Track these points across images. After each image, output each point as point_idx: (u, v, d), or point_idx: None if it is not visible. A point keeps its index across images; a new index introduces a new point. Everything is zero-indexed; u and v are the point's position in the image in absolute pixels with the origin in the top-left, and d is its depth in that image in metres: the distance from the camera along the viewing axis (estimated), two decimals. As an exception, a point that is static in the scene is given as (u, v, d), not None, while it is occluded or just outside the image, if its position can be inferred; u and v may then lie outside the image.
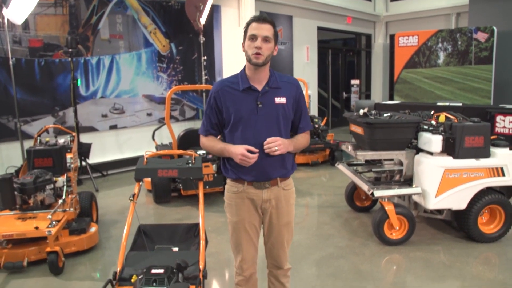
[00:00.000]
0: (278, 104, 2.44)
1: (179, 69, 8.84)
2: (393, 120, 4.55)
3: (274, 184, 2.51)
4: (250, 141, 2.40)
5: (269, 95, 2.43)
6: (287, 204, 2.59)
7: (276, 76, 2.50)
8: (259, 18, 2.38)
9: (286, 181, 2.57)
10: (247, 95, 2.43)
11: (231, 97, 2.44)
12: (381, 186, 4.48)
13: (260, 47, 2.34)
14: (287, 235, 2.66)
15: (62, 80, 7.12)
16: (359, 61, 15.35)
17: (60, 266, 3.89)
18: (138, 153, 8.03)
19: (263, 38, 2.35)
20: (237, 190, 2.54)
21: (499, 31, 10.21)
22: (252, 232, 2.60)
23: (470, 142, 4.23)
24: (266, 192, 2.51)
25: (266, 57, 2.37)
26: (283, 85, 2.48)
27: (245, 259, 2.65)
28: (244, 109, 2.41)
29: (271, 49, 2.40)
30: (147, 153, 3.46)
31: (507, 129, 7.24)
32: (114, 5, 7.73)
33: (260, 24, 2.36)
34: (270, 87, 2.44)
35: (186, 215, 5.49)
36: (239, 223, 2.58)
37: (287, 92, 2.48)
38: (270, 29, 2.38)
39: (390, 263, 4.10)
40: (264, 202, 2.52)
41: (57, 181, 4.55)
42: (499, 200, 4.32)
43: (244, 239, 2.60)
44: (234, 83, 2.47)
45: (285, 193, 2.57)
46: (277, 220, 2.59)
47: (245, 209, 2.54)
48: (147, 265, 2.82)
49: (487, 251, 4.26)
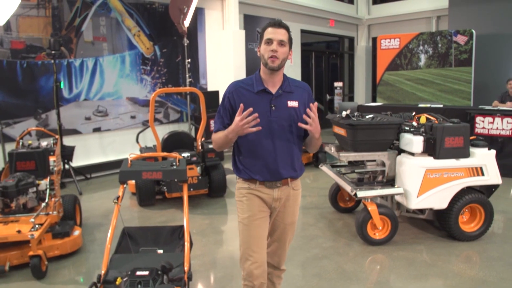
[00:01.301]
0: (291, 107, 2.49)
1: (163, 72, 8.82)
2: (375, 121, 4.62)
3: (285, 183, 2.57)
4: (263, 143, 2.48)
5: (282, 99, 2.49)
6: (294, 204, 2.66)
7: (289, 81, 2.56)
8: (274, 23, 2.46)
9: (295, 181, 2.63)
10: (261, 97, 2.48)
11: (245, 98, 2.47)
12: (364, 187, 4.54)
13: (276, 50, 2.40)
14: (290, 235, 2.72)
15: (44, 82, 7.05)
16: (342, 63, 15.49)
17: (43, 270, 3.85)
18: (122, 156, 7.99)
19: (278, 42, 2.42)
20: (248, 187, 2.57)
21: (477, 34, 10.42)
22: (262, 230, 2.58)
23: (450, 143, 4.31)
24: (277, 191, 2.55)
25: (281, 61, 2.43)
26: (295, 90, 2.55)
27: (257, 262, 2.53)
28: (258, 110, 2.40)
29: (286, 53, 2.46)
30: (131, 156, 3.46)
31: (486, 130, 7.38)
32: (97, 7, 7.69)
33: (276, 29, 2.44)
34: (283, 91, 2.50)
35: (170, 218, 5.48)
36: (250, 218, 2.55)
37: (299, 97, 2.53)
38: (285, 33, 2.46)
39: (374, 263, 4.15)
40: (274, 201, 2.57)
41: (40, 184, 4.50)
42: (479, 199, 4.41)
43: (255, 238, 2.55)
44: (249, 85, 2.52)
45: (294, 193, 2.63)
46: (283, 219, 2.65)
47: (256, 205, 2.56)
48: (131, 268, 2.82)
49: (468, 249, 4.35)
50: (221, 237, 4.96)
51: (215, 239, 4.83)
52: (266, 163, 2.50)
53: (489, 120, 7.35)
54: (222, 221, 5.48)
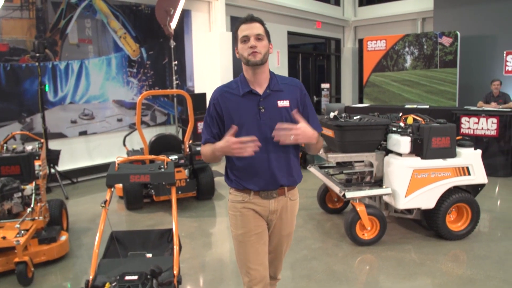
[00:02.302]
0: (281, 107, 2.29)
1: (149, 74, 8.77)
2: (363, 122, 4.64)
3: (282, 193, 2.36)
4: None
5: (271, 99, 2.29)
6: (292, 215, 2.47)
7: (278, 78, 2.35)
8: (246, 19, 2.27)
9: (293, 190, 2.43)
10: (248, 100, 2.28)
11: (232, 103, 2.29)
12: (352, 188, 4.56)
13: (255, 46, 2.21)
14: (286, 245, 2.55)
15: (29, 85, 6.96)
16: (329, 65, 15.56)
17: (30, 277, 3.79)
18: (109, 160, 7.91)
19: (255, 37, 2.22)
20: (242, 199, 2.36)
21: (462, 35, 10.56)
22: (260, 246, 2.38)
23: (437, 143, 4.35)
24: (273, 203, 2.35)
25: (263, 55, 2.23)
26: (285, 88, 2.33)
27: (255, 279, 2.37)
28: (246, 114, 2.26)
29: (266, 46, 2.26)
30: (118, 159, 3.42)
31: (471, 130, 7.48)
32: (82, 9, 7.61)
33: (249, 24, 2.25)
34: (271, 90, 2.30)
35: (159, 221, 5.44)
36: (245, 235, 2.36)
37: (290, 95, 2.32)
38: (260, 27, 2.26)
39: (363, 263, 4.17)
40: (270, 213, 2.37)
41: (25, 189, 4.42)
42: (465, 198, 4.45)
43: (252, 255, 2.36)
44: (234, 88, 2.32)
45: (291, 203, 2.43)
46: (279, 231, 2.45)
47: (252, 220, 2.35)
48: (120, 272, 2.78)
49: (455, 248, 4.39)
50: (210, 239, 4.93)
51: (204, 242, 4.81)
52: (260, 171, 2.29)
53: (474, 120, 7.44)
54: (211, 224, 5.46)
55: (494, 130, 7.23)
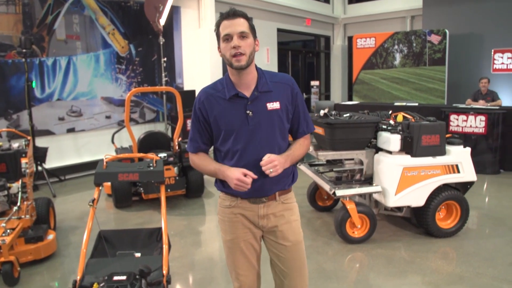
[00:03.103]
0: (271, 110, 2.10)
1: (138, 71, 8.69)
2: (353, 120, 4.63)
3: (272, 198, 2.20)
4: (243, 157, 2.10)
5: (260, 101, 2.09)
6: (289, 221, 2.24)
7: (266, 77, 2.13)
8: (228, 14, 2.02)
9: (285, 194, 2.26)
10: (235, 104, 2.08)
11: (218, 107, 2.10)
12: (342, 186, 4.55)
13: (238, 46, 1.98)
14: (298, 262, 2.28)
15: (15, 81, 6.85)
16: (319, 62, 15.57)
17: (16, 277, 3.72)
18: (97, 157, 7.83)
19: (239, 35, 1.99)
20: (229, 204, 2.22)
21: (451, 34, 10.63)
22: (250, 253, 2.25)
23: (427, 141, 4.36)
24: (263, 208, 2.19)
25: (248, 56, 2.01)
26: (275, 87, 2.12)
27: (245, 285, 2.28)
28: (234, 120, 2.08)
29: (251, 45, 2.03)
30: (106, 157, 3.37)
31: (460, 128, 7.52)
32: (70, 5, 7.51)
33: (232, 20, 2.00)
34: (260, 92, 2.09)
35: (148, 219, 5.39)
36: (233, 241, 2.24)
37: (280, 95, 2.12)
38: (244, 22, 2.01)
39: (353, 261, 4.16)
40: (260, 218, 2.20)
41: (11, 187, 4.35)
42: (455, 196, 4.47)
43: (241, 262, 2.25)
44: (219, 90, 2.11)
45: (285, 207, 2.24)
46: (282, 240, 2.23)
47: (240, 226, 2.22)
48: (108, 272, 2.74)
49: (445, 246, 4.40)
50: (200, 238, 4.90)
51: (194, 240, 4.78)
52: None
53: (463, 118, 7.49)
54: (200, 222, 5.42)
55: (483, 127, 7.28)
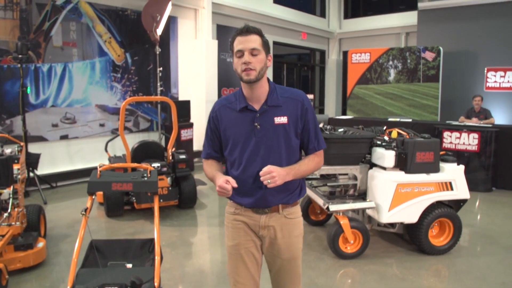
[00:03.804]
0: (278, 124, 2.16)
1: (134, 80, 8.68)
2: (348, 135, 4.65)
3: (275, 210, 2.24)
4: (242, 169, 2.19)
5: (268, 115, 2.16)
6: (290, 236, 2.27)
7: (278, 92, 2.21)
8: (242, 31, 2.14)
9: (289, 208, 2.28)
10: (244, 116, 2.18)
11: (229, 118, 2.21)
12: (336, 201, 4.55)
13: (249, 62, 2.09)
14: (292, 275, 2.34)
15: (10, 87, 6.81)
16: (313, 76, 15.67)
17: (4, 285, 3.66)
18: (90, 165, 7.79)
19: (250, 52, 2.10)
20: (234, 211, 2.31)
21: (445, 51, 10.75)
22: (250, 261, 2.30)
23: (421, 158, 4.38)
24: (264, 218, 2.24)
25: (258, 72, 2.11)
26: (285, 102, 2.18)
27: None
28: (242, 131, 2.17)
29: (262, 61, 2.12)
30: (101, 166, 3.35)
31: (453, 145, 7.57)
32: (68, 12, 7.51)
33: (245, 37, 2.12)
34: (269, 106, 2.17)
35: (139, 229, 5.35)
36: (235, 248, 2.30)
37: (289, 110, 2.18)
38: (256, 39, 2.12)
39: (345, 277, 4.15)
40: (261, 228, 2.26)
41: (2, 194, 4.31)
42: (448, 213, 4.47)
43: (240, 268, 2.30)
44: (232, 102, 2.23)
45: (287, 221, 2.27)
46: (278, 254, 2.29)
47: (242, 233, 2.28)
48: (99, 283, 2.71)
49: (437, 263, 4.40)
50: (191, 249, 4.87)
51: (185, 251, 4.74)
52: (252, 189, 2.20)
53: (456, 135, 7.54)
54: (192, 233, 5.38)
55: (476, 145, 7.33)
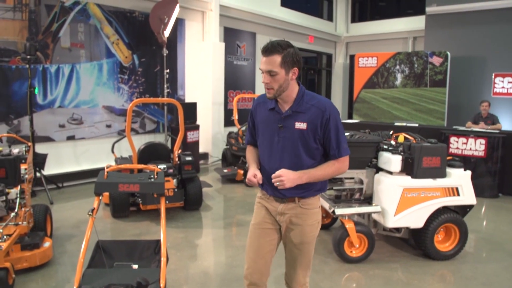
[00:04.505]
0: (298, 129, 2.37)
1: (141, 81, 8.71)
2: (355, 139, 4.64)
3: (291, 200, 2.48)
4: (266, 161, 2.49)
5: (291, 119, 2.39)
6: (303, 224, 2.49)
7: (305, 99, 2.41)
8: (264, 50, 2.31)
9: (305, 199, 2.48)
10: (273, 116, 2.45)
11: (262, 114, 2.51)
12: (341, 204, 4.54)
13: (267, 83, 2.32)
14: (299, 257, 2.54)
15: (18, 87, 6.86)
16: (320, 79, 15.66)
17: (10, 283, 3.68)
18: (96, 166, 7.83)
19: (267, 73, 2.30)
20: (260, 196, 2.62)
21: (452, 56, 10.71)
22: (264, 241, 2.55)
23: (428, 163, 4.37)
24: (282, 206, 2.49)
25: (276, 90, 2.33)
26: (309, 109, 2.38)
27: (249, 267, 2.58)
28: (268, 128, 2.46)
29: (280, 79, 2.31)
30: (108, 167, 3.36)
31: (460, 150, 7.54)
32: (76, 13, 7.56)
33: (266, 58, 2.31)
34: (293, 111, 2.39)
35: (144, 231, 5.36)
36: (254, 226, 2.60)
37: (310, 118, 2.37)
38: (275, 60, 2.28)
39: (350, 281, 4.14)
40: (278, 214, 2.51)
41: (10, 193, 4.34)
42: (454, 219, 4.46)
43: (253, 246, 2.57)
44: (268, 101, 2.49)
45: (303, 211, 2.48)
46: (290, 239, 2.52)
47: (261, 215, 2.57)
48: (106, 283, 2.73)
49: (442, 269, 4.38)
50: (196, 251, 4.87)
51: (190, 253, 4.75)
52: (271, 181, 2.39)
53: (463, 140, 7.51)
54: (197, 235, 5.39)
55: (482, 151, 7.30)
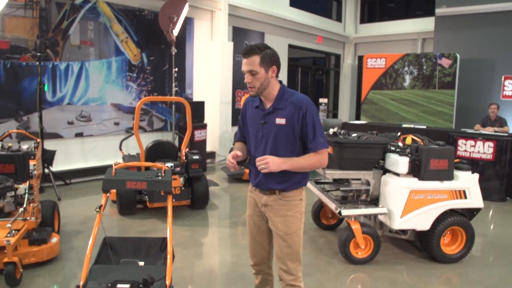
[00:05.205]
0: (278, 124, 2.57)
1: (149, 80, 8.75)
2: (362, 140, 4.64)
3: (273, 193, 2.66)
4: (252, 155, 2.70)
5: (272, 115, 2.59)
6: (285, 215, 2.66)
7: (285, 96, 2.60)
8: (244, 52, 2.52)
9: (285, 193, 2.65)
10: (258, 113, 2.66)
11: (250, 112, 2.73)
12: (348, 205, 4.54)
13: (249, 82, 2.52)
14: (286, 249, 2.68)
15: (28, 84, 6.92)
16: (328, 80, 15.63)
17: (18, 278, 3.73)
18: (104, 163, 7.87)
19: (249, 73, 2.51)
20: (250, 189, 2.84)
21: (461, 58, 10.64)
22: (257, 231, 2.82)
23: (435, 165, 4.35)
24: (265, 197, 2.69)
25: (258, 88, 2.53)
26: (288, 106, 2.57)
27: (250, 251, 2.89)
28: (254, 124, 2.68)
29: (261, 78, 2.51)
30: (116, 164, 3.38)
31: (468, 153, 7.50)
32: (86, 11, 7.60)
33: (245, 59, 2.51)
34: (274, 108, 2.59)
35: (151, 228, 5.39)
36: (247, 218, 2.86)
37: (289, 113, 2.56)
38: (254, 61, 2.48)
39: (355, 282, 4.13)
40: (262, 206, 2.71)
41: (19, 189, 4.37)
42: (461, 222, 4.44)
43: (250, 235, 2.86)
44: (254, 100, 2.70)
45: (284, 202, 2.66)
46: (276, 228, 2.69)
47: (252, 207, 2.81)
48: (112, 279, 2.74)
49: (448, 272, 4.36)
50: (202, 250, 4.89)
51: (196, 251, 4.77)
52: (255, 173, 2.67)
53: (471, 143, 7.47)
54: (203, 234, 5.41)
55: (491, 154, 7.25)
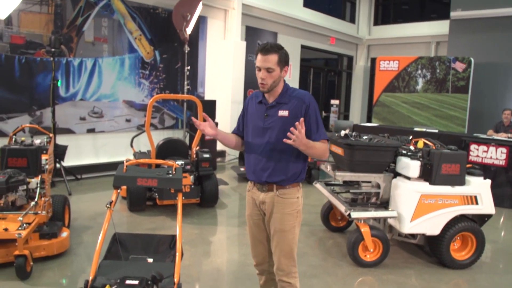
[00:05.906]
0: (281, 117, 2.66)
1: (161, 77, 8.79)
2: (373, 143, 4.61)
3: (270, 189, 2.73)
4: (255, 146, 2.74)
5: (275, 109, 2.69)
6: (281, 212, 2.71)
7: (289, 91, 2.73)
8: (262, 49, 2.61)
9: (283, 189, 2.71)
10: (260, 107, 2.76)
11: (252, 106, 2.83)
12: (358, 208, 4.52)
13: (263, 78, 2.62)
14: (280, 245, 2.74)
15: (42, 79, 6.99)
16: (340, 81, 15.57)
17: (28, 271, 3.77)
18: (115, 159, 7.93)
19: (266, 70, 2.60)
20: (248, 188, 2.89)
21: (476, 62, 10.54)
22: (256, 229, 2.88)
23: (447, 170, 4.32)
24: (263, 195, 2.76)
25: (270, 85, 2.64)
26: (291, 100, 2.69)
27: (252, 251, 2.96)
28: (256, 118, 2.76)
29: (275, 76, 2.62)
30: (127, 161, 3.40)
31: (480, 158, 7.43)
32: (101, 8, 7.66)
33: (264, 56, 2.60)
34: (277, 102, 2.70)
35: (160, 225, 5.41)
36: (247, 217, 2.91)
37: (292, 107, 2.67)
38: (273, 58, 2.59)
39: (363, 285, 4.12)
40: (260, 203, 2.78)
41: (31, 183, 4.42)
42: (471, 227, 4.40)
43: (251, 234, 2.93)
44: (258, 96, 2.82)
45: (280, 200, 2.71)
46: (272, 225, 2.75)
47: (251, 207, 2.87)
48: (121, 275, 2.75)
49: (457, 278, 4.33)
50: (210, 248, 4.90)
51: (204, 250, 4.78)
52: (254, 165, 2.74)
53: (483, 148, 7.40)
54: (212, 232, 5.42)
55: (503, 160, 7.18)
